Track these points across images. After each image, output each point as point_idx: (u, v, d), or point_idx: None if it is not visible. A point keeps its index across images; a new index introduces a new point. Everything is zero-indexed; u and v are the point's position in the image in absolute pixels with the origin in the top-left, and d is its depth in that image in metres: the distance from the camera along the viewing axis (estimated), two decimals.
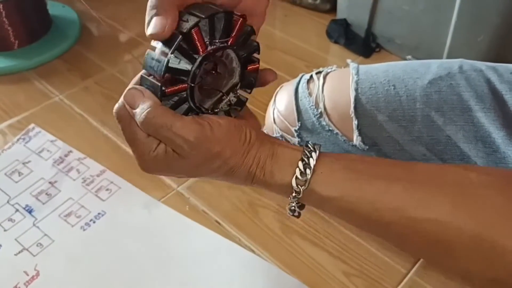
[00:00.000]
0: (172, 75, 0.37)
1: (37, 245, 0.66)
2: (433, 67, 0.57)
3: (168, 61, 0.36)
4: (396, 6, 0.96)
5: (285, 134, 0.64)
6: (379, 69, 0.59)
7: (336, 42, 1.06)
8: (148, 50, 0.37)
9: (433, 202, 0.36)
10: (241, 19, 0.38)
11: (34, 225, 0.69)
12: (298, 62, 1.01)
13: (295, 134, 0.62)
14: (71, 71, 0.97)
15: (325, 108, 0.60)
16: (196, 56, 0.37)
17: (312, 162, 0.39)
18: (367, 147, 0.57)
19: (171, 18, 0.36)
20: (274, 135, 0.66)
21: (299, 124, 0.62)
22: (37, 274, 0.63)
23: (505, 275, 0.35)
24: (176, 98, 0.38)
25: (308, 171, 0.38)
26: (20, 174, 0.75)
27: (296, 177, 0.39)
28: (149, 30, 0.36)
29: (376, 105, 0.56)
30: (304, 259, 0.66)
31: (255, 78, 0.44)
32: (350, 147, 0.58)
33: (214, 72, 0.41)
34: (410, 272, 0.65)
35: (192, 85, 0.38)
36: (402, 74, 0.57)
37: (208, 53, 0.37)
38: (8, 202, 0.72)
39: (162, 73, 0.36)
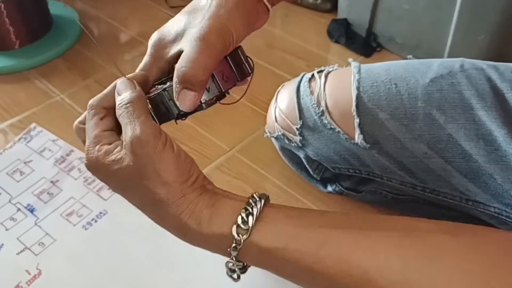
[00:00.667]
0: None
1: (38, 244, 0.66)
2: (434, 66, 0.57)
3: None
4: (397, 5, 0.96)
5: (286, 133, 0.64)
6: (380, 68, 0.59)
7: (337, 41, 1.06)
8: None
9: (383, 250, 0.34)
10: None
11: (35, 224, 0.69)
12: (299, 61, 1.01)
13: (297, 132, 0.63)
14: (71, 70, 0.97)
15: (326, 107, 0.60)
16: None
17: (256, 210, 0.36)
18: (368, 145, 0.57)
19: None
20: (276, 134, 0.66)
21: (301, 123, 0.62)
22: (39, 273, 0.63)
23: None
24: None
25: (250, 219, 0.36)
26: (21, 173, 0.75)
27: (238, 225, 0.36)
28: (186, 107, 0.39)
29: (378, 104, 0.56)
30: None
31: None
32: (352, 145, 0.58)
33: None
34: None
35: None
36: (404, 72, 0.57)
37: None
38: (9, 201, 0.72)
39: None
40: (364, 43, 1.02)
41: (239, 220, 0.36)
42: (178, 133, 0.82)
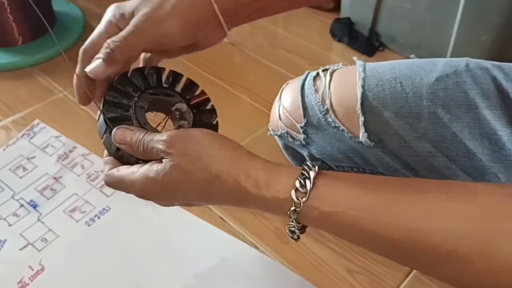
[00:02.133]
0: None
1: (41, 240, 0.66)
2: (440, 65, 0.57)
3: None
4: (400, 4, 0.96)
5: (290, 131, 0.64)
6: (385, 67, 0.59)
7: (339, 40, 1.06)
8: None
9: (445, 213, 0.34)
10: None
11: (38, 220, 0.69)
12: (301, 61, 1.01)
13: (301, 130, 0.63)
14: (75, 68, 0.97)
15: (331, 105, 0.60)
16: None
17: (312, 174, 0.36)
18: (373, 143, 0.57)
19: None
20: (280, 132, 0.66)
21: (305, 121, 0.62)
22: (42, 269, 0.63)
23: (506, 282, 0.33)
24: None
25: (308, 182, 0.36)
26: (24, 169, 0.75)
27: (296, 189, 0.36)
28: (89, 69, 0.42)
29: (383, 102, 0.56)
30: (307, 256, 0.66)
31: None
32: (356, 143, 0.58)
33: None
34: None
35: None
36: (409, 71, 0.57)
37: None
38: (12, 197, 0.72)
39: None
40: (366, 43, 1.03)
41: (297, 184, 0.36)
42: None
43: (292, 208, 0.36)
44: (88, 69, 0.42)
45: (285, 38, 1.09)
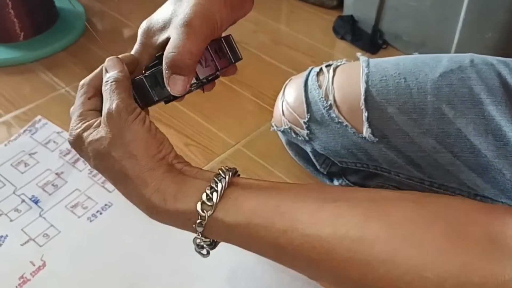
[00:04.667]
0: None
1: (43, 236, 0.66)
2: (444, 60, 0.57)
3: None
4: (403, 2, 0.95)
5: (293, 126, 0.64)
6: (389, 62, 0.59)
7: (342, 38, 1.05)
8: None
9: (344, 218, 0.34)
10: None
11: (40, 215, 0.68)
12: (304, 58, 1.01)
13: (304, 126, 0.62)
14: (76, 64, 0.96)
15: (334, 100, 0.60)
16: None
17: (220, 187, 0.36)
18: (376, 139, 0.57)
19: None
20: (283, 128, 0.66)
21: (308, 116, 0.62)
22: (44, 265, 0.63)
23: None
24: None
25: (215, 195, 0.36)
26: (26, 165, 0.75)
27: (202, 202, 0.36)
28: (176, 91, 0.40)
29: (387, 98, 0.56)
30: None
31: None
32: (360, 139, 0.58)
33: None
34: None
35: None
36: (413, 67, 0.57)
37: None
38: (14, 192, 0.71)
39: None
40: (370, 40, 1.02)
41: (204, 197, 0.36)
42: (184, 127, 0.82)
43: (198, 221, 0.36)
44: (177, 92, 0.39)
45: (288, 36, 1.08)
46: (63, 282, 0.61)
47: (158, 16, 0.43)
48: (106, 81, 0.40)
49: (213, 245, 0.39)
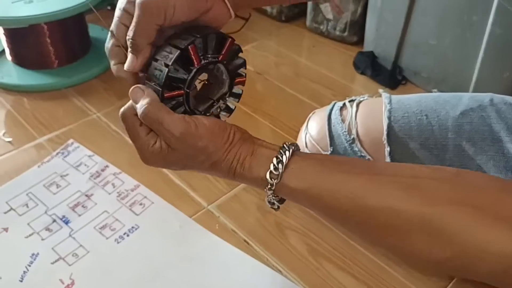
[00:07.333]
0: (171, 82, 0.44)
1: (72, 255, 0.68)
2: (465, 99, 0.59)
3: (168, 71, 0.43)
4: (423, 40, 0.99)
5: None
6: (411, 99, 0.62)
7: (362, 73, 1.09)
8: (152, 61, 0.44)
9: (387, 192, 0.41)
10: (230, 39, 0.45)
11: (70, 235, 0.71)
12: (325, 91, 1.04)
13: None
14: (107, 91, 1.01)
15: (357, 135, 0.62)
16: (191, 67, 0.44)
17: (285, 158, 0.44)
18: None
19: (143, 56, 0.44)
20: None
21: (331, 149, 0.64)
22: (72, 283, 0.65)
23: (451, 255, 0.39)
24: (174, 102, 0.45)
25: (280, 166, 0.44)
26: (58, 186, 0.79)
27: (270, 172, 0.44)
28: (125, 67, 0.45)
29: (409, 133, 0.58)
30: (330, 282, 0.67)
31: (242, 90, 0.50)
32: None
33: (207, 82, 0.48)
34: None
35: (188, 91, 0.45)
36: (434, 104, 0.59)
37: (202, 65, 0.45)
38: (45, 212, 0.74)
39: (163, 80, 0.43)
40: (389, 76, 1.05)
41: (272, 167, 0.44)
42: None
43: (268, 187, 0.45)
44: (126, 67, 0.45)
45: (309, 69, 1.12)
46: None
47: None
48: (141, 116, 0.43)
49: (282, 201, 0.47)
